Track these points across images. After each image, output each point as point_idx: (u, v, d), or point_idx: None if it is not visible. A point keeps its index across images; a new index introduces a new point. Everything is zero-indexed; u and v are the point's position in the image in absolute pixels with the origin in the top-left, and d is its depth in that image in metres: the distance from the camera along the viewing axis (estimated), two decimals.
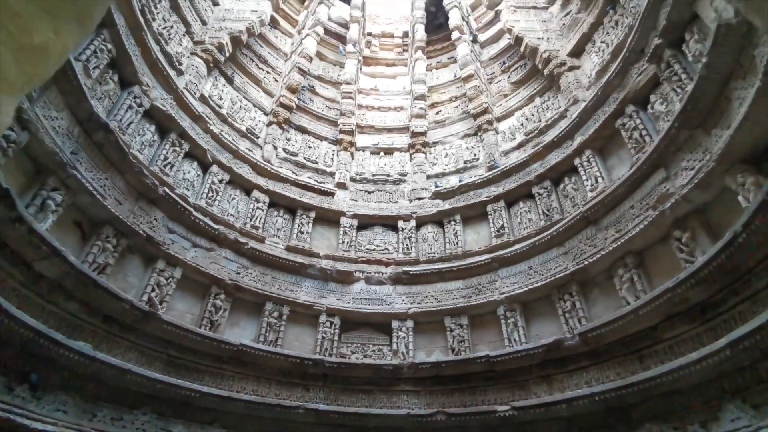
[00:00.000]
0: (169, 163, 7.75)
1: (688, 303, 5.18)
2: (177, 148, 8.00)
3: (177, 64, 8.54)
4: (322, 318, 8.12)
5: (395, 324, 8.17)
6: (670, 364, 5.03)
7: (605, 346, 6.15)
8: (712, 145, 5.30)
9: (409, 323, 8.15)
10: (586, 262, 6.93)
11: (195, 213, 7.70)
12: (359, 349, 8.06)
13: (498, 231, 8.71)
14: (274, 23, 11.84)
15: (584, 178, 7.73)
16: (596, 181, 7.47)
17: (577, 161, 7.98)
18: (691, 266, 5.08)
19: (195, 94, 8.81)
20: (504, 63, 11.29)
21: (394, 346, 7.95)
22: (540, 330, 7.28)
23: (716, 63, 5.08)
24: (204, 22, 9.73)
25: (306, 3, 12.85)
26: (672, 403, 5.11)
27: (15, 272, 4.95)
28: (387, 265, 9.02)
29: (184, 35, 9.05)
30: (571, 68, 9.20)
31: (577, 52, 9.28)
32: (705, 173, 5.26)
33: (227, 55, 9.88)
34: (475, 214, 9.31)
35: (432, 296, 8.45)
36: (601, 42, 8.53)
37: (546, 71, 9.65)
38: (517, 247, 8.14)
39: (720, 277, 4.81)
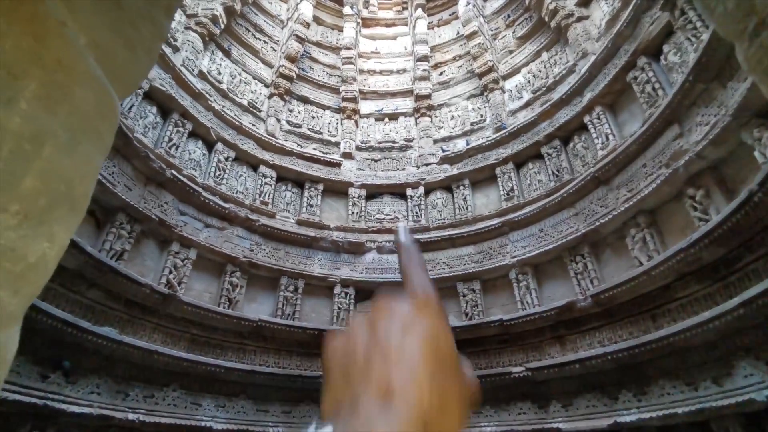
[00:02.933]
0: (174, 144, 7.71)
1: (701, 262, 5.16)
2: (180, 129, 7.93)
3: (172, 40, 8.32)
4: (337, 289, 8.28)
5: None
6: (683, 323, 5.09)
7: (618, 306, 6.21)
8: (727, 99, 5.11)
9: None
10: (597, 223, 6.88)
11: (204, 193, 7.74)
12: None
13: (507, 194, 8.64)
14: None
15: (594, 135, 7.54)
16: (607, 138, 7.28)
17: (587, 118, 7.76)
18: (705, 226, 5.02)
19: (193, 70, 8.63)
20: (508, 16, 10.79)
21: None
22: (552, 292, 7.35)
23: None
24: None
25: None
26: (685, 360, 5.20)
27: None
28: None
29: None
30: (580, 19, 8.77)
31: (586, 0, 8.82)
32: (720, 128, 5.11)
33: (222, 26, 9.58)
34: (483, 178, 9.22)
35: (444, 262, 8.53)
36: None
37: (553, 23, 9.22)
38: (527, 209, 8.09)
39: (734, 236, 4.76)
